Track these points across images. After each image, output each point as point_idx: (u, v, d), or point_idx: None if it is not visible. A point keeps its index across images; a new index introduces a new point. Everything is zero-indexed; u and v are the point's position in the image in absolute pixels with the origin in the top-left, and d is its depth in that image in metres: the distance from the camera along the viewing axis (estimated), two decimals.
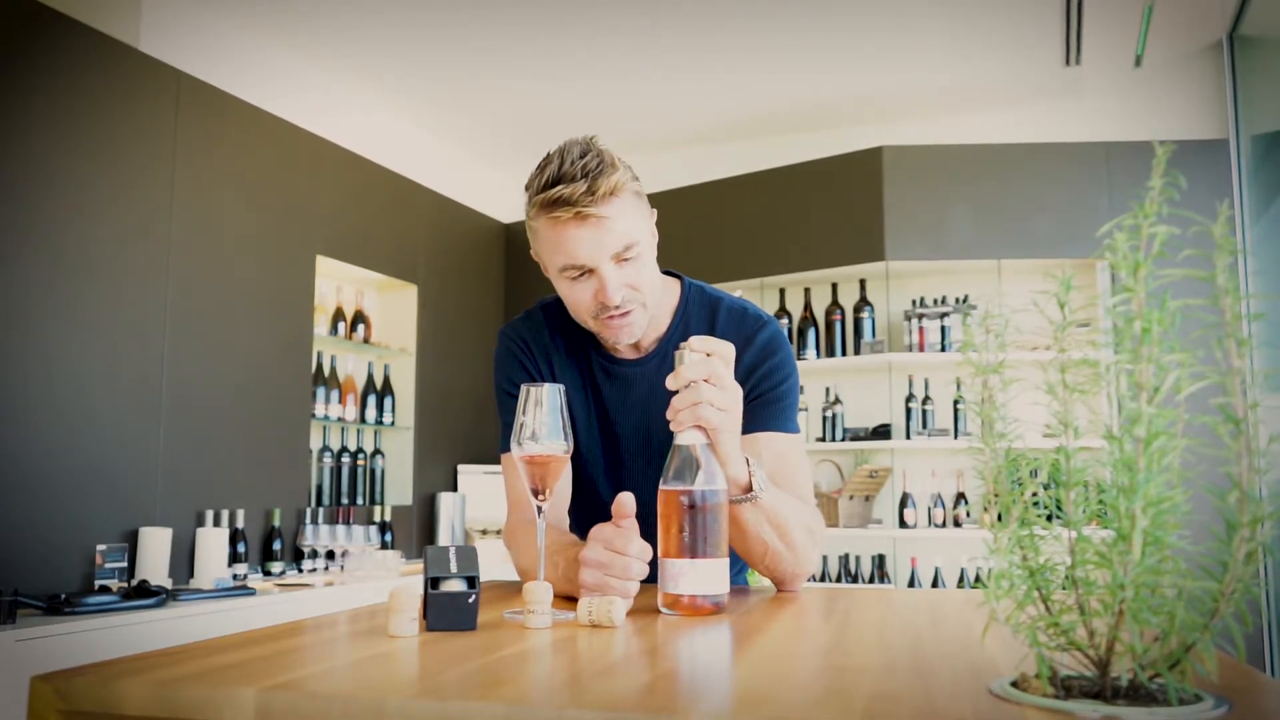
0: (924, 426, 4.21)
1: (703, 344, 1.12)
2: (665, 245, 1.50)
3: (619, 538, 1.09)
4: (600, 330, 1.36)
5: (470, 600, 0.92)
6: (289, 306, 3.69)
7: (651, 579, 1.11)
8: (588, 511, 1.45)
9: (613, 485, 1.44)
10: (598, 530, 1.11)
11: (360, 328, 4.18)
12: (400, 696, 0.63)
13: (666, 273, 1.48)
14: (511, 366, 1.47)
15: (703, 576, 1.05)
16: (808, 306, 4.47)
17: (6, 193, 2.70)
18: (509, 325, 1.51)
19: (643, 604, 1.10)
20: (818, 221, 4.40)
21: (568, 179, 1.25)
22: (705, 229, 4.57)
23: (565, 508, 1.45)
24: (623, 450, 1.43)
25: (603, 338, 1.38)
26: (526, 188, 1.32)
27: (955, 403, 4.23)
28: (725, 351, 1.13)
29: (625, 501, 1.10)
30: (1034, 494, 0.65)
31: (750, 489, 1.20)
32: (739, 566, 1.56)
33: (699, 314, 1.44)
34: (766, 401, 1.37)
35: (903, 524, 4.16)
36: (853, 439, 4.29)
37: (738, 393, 1.14)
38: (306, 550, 3.62)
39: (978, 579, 4.05)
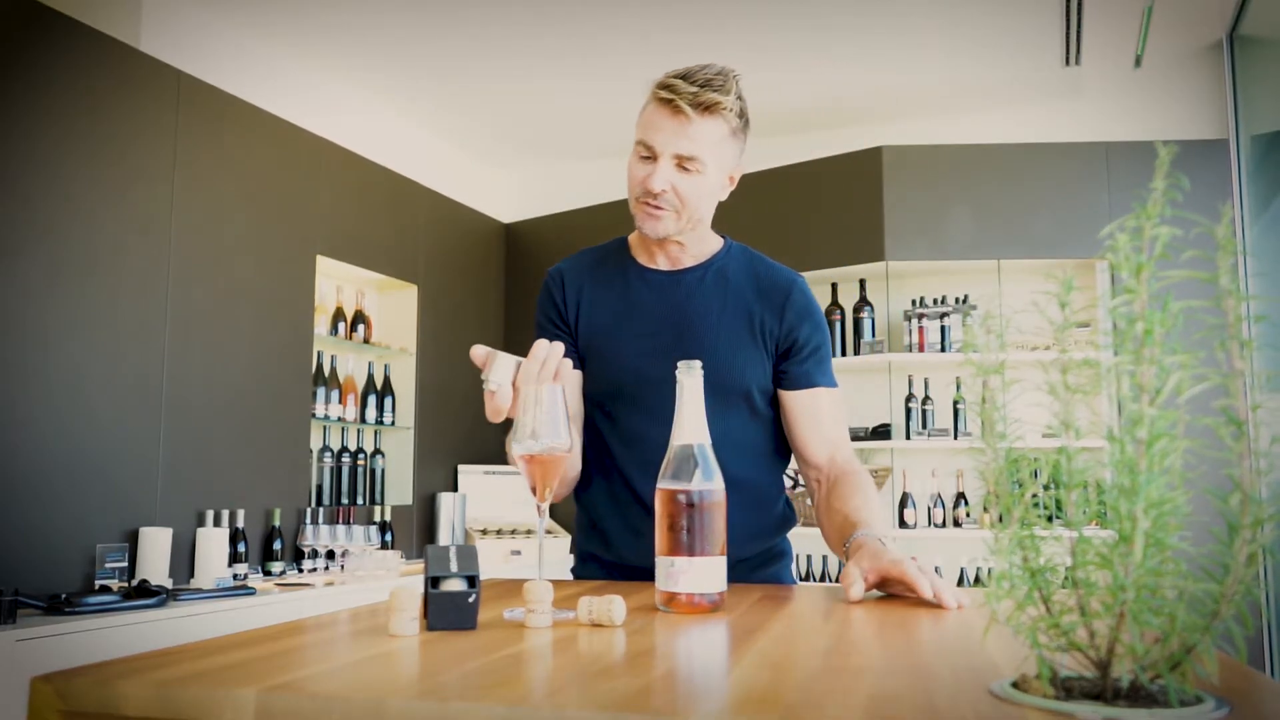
0: (924, 426, 4.21)
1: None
2: None
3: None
4: (635, 213, 1.49)
5: (470, 600, 0.92)
6: (289, 306, 3.69)
7: (650, 577, 1.11)
8: (614, 396, 1.52)
9: (639, 373, 1.51)
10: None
11: (360, 328, 4.18)
12: (400, 696, 0.63)
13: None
14: (544, 300, 1.61)
15: (700, 574, 1.05)
16: None
17: (6, 193, 2.70)
18: (555, 265, 1.64)
19: (642, 603, 1.10)
20: (818, 221, 4.40)
21: (688, 78, 1.40)
22: None
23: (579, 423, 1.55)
24: (648, 340, 1.52)
25: (635, 220, 1.50)
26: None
27: (955, 403, 4.23)
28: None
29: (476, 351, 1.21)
30: (1035, 495, 0.65)
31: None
32: (784, 560, 1.62)
33: (740, 258, 1.59)
34: (820, 358, 1.53)
35: (903, 524, 4.16)
36: (852, 439, 4.27)
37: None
38: (307, 550, 3.62)
39: (977, 579, 4.05)
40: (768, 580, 1.53)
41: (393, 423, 4.27)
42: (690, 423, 1.11)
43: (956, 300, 4.24)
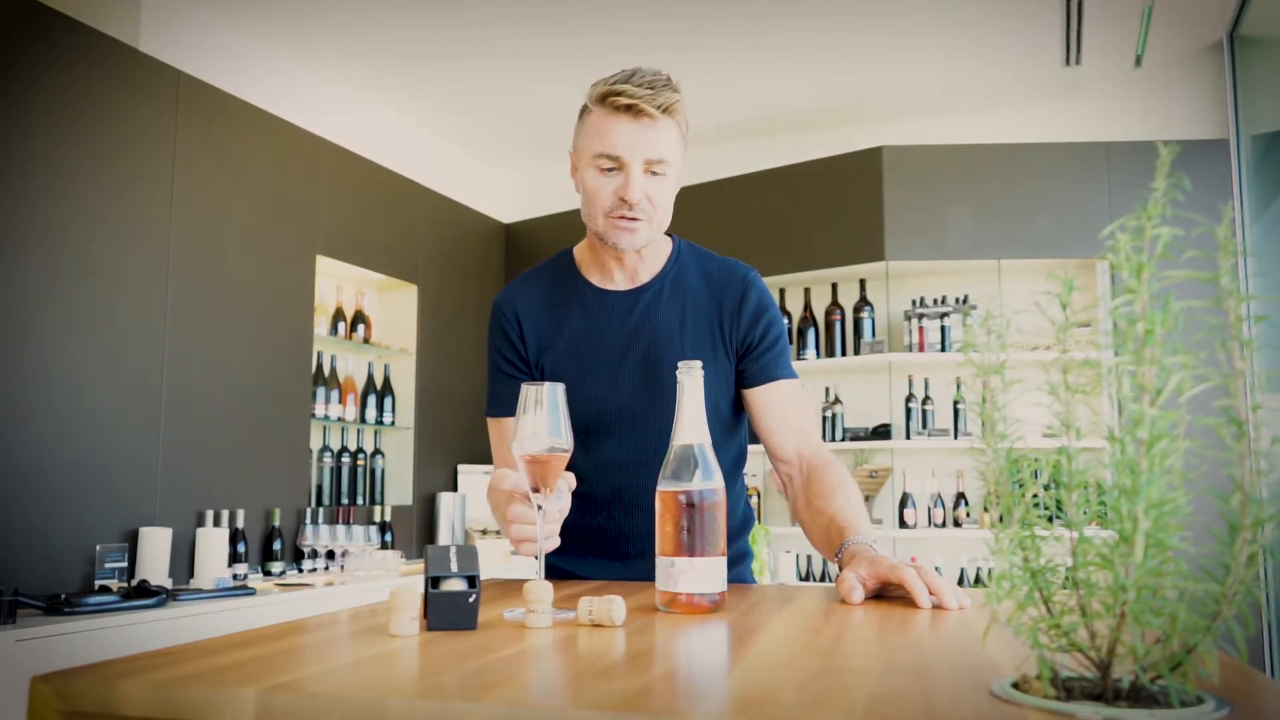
0: (924, 426, 4.21)
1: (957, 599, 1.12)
2: None
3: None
4: (607, 230, 1.44)
5: (470, 600, 0.92)
6: (289, 306, 3.69)
7: (650, 576, 1.11)
8: (584, 428, 1.49)
9: (609, 402, 1.49)
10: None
11: (360, 328, 4.18)
12: (400, 696, 0.63)
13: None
14: (497, 336, 1.57)
15: (700, 575, 1.05)
16: (807, 306, 4.47)
17: (6, 193, 2.70)
18: (501, 293, 1.58)
19: (642, 603, 1.10)
20: (818, 221, 4.40)
21: (636, 81, 1.37)
22: (705, 229, 4.56)
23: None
24: (614, 367, 1.50)
25: (608, 238, 1.45)
26: (592, 86, 1.43)
27: (955, 403, 4.23)
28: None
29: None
30: (1035, 495, 0.65)
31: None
32: (746, 561, 1.62)
33: (690, 258, 1.56)
34: (778, 351, 1.52)
35: (903, 524, 4.16)
36: (852, 439, 4.29)
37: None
38: (306, 550, 3.62)
39: (978, 579, 4.05)
40: (732, 581, 1.54)
41: (393, 423, 4.27)
42: (690, 423, 1.11)
43: (956, 300, 4.24)
